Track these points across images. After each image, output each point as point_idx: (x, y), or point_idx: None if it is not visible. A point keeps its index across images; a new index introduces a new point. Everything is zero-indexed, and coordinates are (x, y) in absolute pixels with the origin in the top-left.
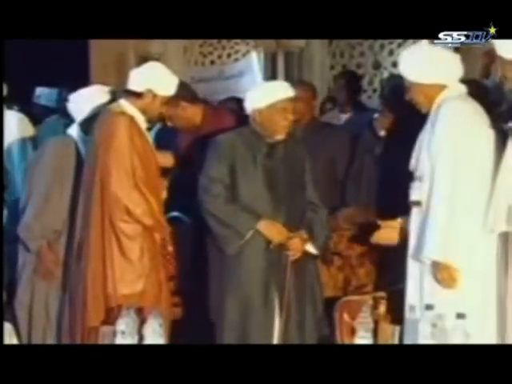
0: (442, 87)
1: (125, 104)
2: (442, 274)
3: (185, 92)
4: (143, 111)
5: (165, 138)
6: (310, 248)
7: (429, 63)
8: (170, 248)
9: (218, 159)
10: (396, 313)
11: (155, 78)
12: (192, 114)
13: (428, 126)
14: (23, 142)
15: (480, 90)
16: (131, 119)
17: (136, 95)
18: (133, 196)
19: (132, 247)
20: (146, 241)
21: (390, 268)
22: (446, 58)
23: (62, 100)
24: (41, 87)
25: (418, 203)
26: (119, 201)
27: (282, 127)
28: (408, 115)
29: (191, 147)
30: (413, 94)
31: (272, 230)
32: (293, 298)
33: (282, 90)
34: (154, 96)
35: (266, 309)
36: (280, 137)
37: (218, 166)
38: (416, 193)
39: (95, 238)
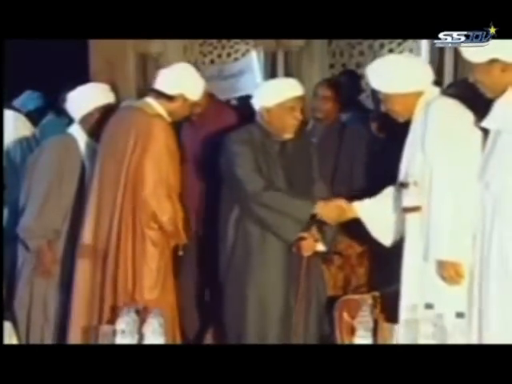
0: (419, 94)
1: (157, 106)
2: (449, 271)
3: None
4: (170, 114)
5: None
6: (320, 246)
7: (401, 72)
8: (181, 253)
9: (245, 154)
10: (395, 312)
11: (187, 81)
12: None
13: (417, 132)
14: (23, 141)
15: (476, 89)
16: (168, 123)
17: (167, 98)
18: (163, 203)
19: (153, 253)
20: (164, 247)
21: (390, 267)
22: (416, 65)
23: (43, 97)
24: (16, 99)
25: (417, 208)
26: (148, 206)
27: (291, 126)
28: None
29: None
30: (389, 105)
31: (328, 210)
32: (303, 298)
33: (291, 89)
34: (185, 100)
35: (285, 309)
36: (288, 136)
37: (249, 159)
38: (412, 199)
39: (125, 241)
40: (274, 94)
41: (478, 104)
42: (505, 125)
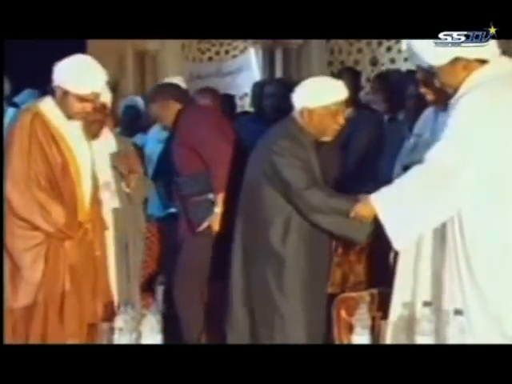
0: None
1: (45, 100)
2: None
3: (176, 92)
4: (61, 109)
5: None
6: None
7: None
8: (98, 252)
9: (296, 166)
10: (392, 310)
11: (69, 74)
12: (168, 113)
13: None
14: None
15: None
16: (35, 116)
17: (52, 92)
18: (25, 203)
19: (23, 255)
20: (45, 249)
21: (387, 264)
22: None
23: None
24: (16, 97)
25: None
26: (12, 207)
27: (332, 130)
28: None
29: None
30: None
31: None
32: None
33: (337, 91)
34: (65, 93)
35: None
36: (327, 138)
37: (301, 172)
38: None
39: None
40: (319, 95)
41: None
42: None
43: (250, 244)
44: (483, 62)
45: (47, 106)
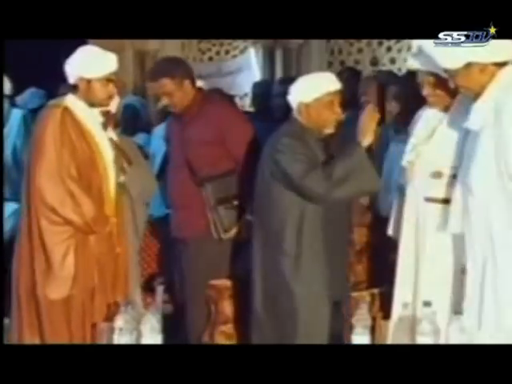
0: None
1: (69, 97)
2: None
3: (192, 73)
4: (87, 100)
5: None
6: None
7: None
8: (119, 249)
9: (293, 157)
10: (391, 310)
11: (82, 63)
12: (182, 94)
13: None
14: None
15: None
16: (64, 111)
17: (74, 88)
18: (58, 194)
19: (55, 249)
20: (74, 243)
21: (387, 264)
22: None
23: (46, 96)
24: (19, 97)
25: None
26: (44, 199)
27: (331, 121)
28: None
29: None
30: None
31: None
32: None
33: (328, 83)
34: (88, 81)
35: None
36: (329, 131)
37: (297, 162)
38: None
39: (22, 237)
40: (311, 88)
41: None
42: (485, 125)
43: (267, 244)
44: (499, 64)
45: (73, 102)
